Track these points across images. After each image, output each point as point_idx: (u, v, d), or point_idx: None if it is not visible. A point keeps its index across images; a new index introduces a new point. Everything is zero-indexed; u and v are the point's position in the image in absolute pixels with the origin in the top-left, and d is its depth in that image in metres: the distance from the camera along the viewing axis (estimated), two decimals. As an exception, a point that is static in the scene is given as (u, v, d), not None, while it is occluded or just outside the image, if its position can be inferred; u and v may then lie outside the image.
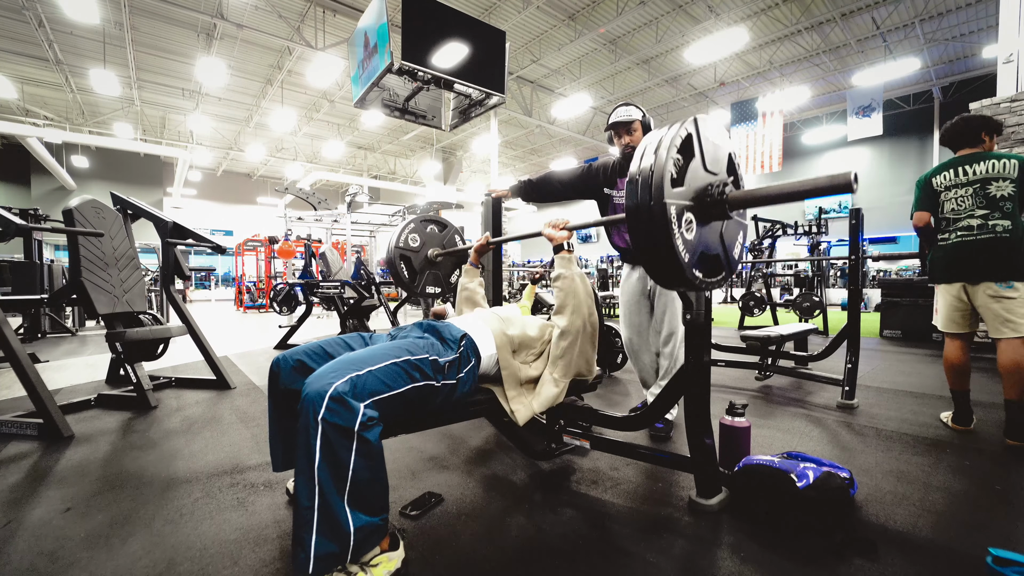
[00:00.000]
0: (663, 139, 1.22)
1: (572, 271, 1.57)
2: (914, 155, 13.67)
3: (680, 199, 1.22)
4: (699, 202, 1.28)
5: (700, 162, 1.30)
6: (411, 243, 2.42)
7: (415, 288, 2.44)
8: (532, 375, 1.52)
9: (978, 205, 2.14)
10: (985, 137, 2.20)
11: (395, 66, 3.60)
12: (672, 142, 1.21)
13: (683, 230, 1.21)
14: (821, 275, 6.84)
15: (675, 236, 1.18)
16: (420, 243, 2.45)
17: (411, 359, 1.21)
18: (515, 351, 1.51)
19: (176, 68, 11.62)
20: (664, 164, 1.18)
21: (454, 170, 18.92)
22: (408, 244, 2.41)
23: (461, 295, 2.00)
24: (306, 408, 1.01)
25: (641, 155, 1.23)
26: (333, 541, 1.00)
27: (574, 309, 1.52)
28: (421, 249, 2.45)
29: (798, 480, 1.38)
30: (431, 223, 2.51)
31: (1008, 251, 2.06)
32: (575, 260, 1.61)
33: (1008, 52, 4.42)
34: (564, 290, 1.55)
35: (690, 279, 1.24)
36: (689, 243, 1.23)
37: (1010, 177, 2.07)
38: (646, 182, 1.18)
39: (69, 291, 2.71)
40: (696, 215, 1.27)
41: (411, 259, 2.43)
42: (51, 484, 1.71)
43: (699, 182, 1.29)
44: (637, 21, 9.84)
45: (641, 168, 1.21)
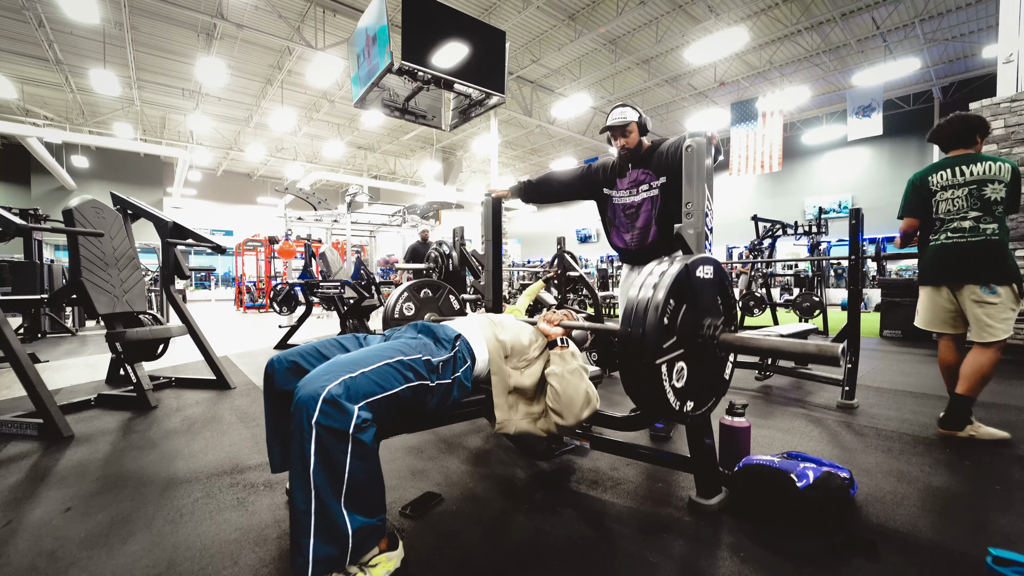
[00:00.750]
0: (650, 301, 1.23)
1: (565, 368, 1.46)
2: (914, 155, 13.66)
3: (671, 352, 1.26)
4: (690, 347, 1.32)
5: (693, 305, 1.32)
6: (406, 312, 2.45)
7: None
8: (523, 383, 1.46)
9: (972, 207, 2.14)
10: (978, 139, 2.20)
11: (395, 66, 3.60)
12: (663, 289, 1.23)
13: (674, 382, 1.27)
14: (821, 275, 6.84)
15: (667, 391, 1.24)
16: (415, 310, 2.49)
17: (404, 359, 1.21)
18: (507, 356, 1.48)
19: (176, 68, 11.62)
20: (656, 324, 1.20)
21: (454, 170, 18.92)
22: (404, 314, 2.44)
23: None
24: (299, 412, 1.01)
25: (632, 309, 1.25)
26: (331, 544, 1.00)
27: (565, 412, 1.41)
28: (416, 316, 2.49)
29: (798, 480, 1.38)
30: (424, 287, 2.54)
31: (996, 255, 2.07)
32: (569, 357, 1.51)
33: (1008, 52, 4.42)
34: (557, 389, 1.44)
35: (682, 420, 1.34)
36: (679, 391, 1.29)
37: (1004, 180, 2.08)
38: (636, 344, 1.22)
39: (69, 291, 2.71)
40: (687, 360, 1.31)
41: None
42: (51, 484, 1.71)
43: (691, 327, 1.32)
44: (637, 21, 9.84)
45: (632, 325, 1.23)
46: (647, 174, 2.13)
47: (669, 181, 2.04)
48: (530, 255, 24.04)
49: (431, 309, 2.52)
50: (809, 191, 15.51)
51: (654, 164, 2.11)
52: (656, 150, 2.12)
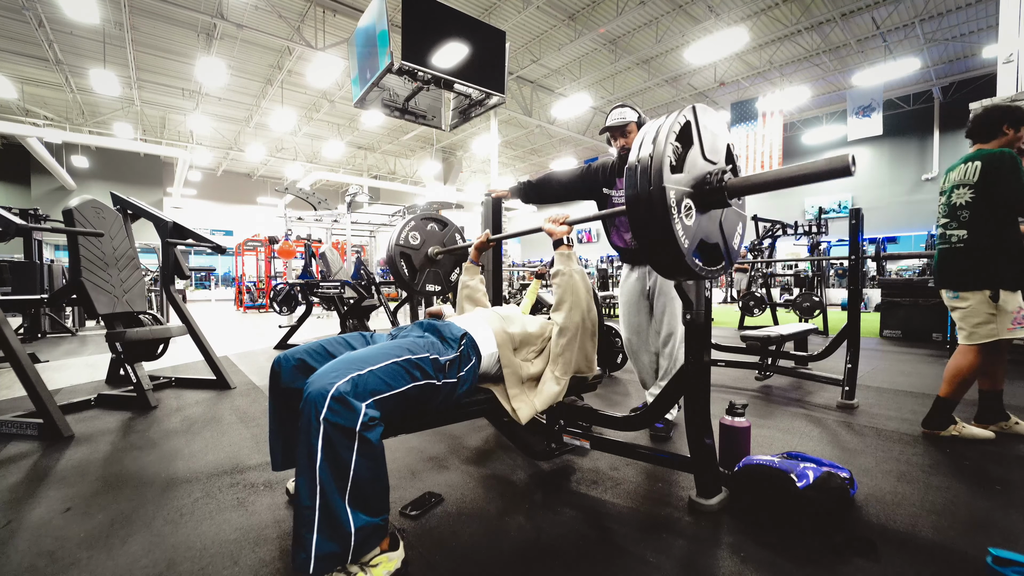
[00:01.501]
0: (662, 127, 1.22)
1: (571, 267, 1.56)
2: (914, 155, 13.66)
3: (679, 185, 1.22)
4: (698, 189, 1.28)
5: (699, 150, 1.30)
6: (411, 241, 2.42)
7: (415, 286, 2.44)
8: (533, 372, 1.52)
9: (944, 214, 2.17)
10: (1008, 130, 2.02)
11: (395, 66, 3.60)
12: (671, 129, 1.21)
13: (682, 216, 1.21)
14: (821, 275, 6.84)
15: (675, 222, 1.18)
16: (420, 241, 2.46)
17: (412, 358, 1.21)
18: (516, 349, 1.52)
19: (176, 68, 11.62)
20: (663, 150, 1.17)
21: (454, 170, 18.92)
22: (408, 242, 2.41)
23: (462, 293, 2.00)
24: (308, 408, 1.01)
25: (640, 143, 1.23)
26: (334, 541, 1.00)
27: (572, 305, 1.52)
28: (421, 247, 2.45)
29: (798, 480, 1.38)
30: (431, 221, 2.51)
31: (959, 261, 2.07)
32: (574, 256, 1.60)
33: (1008, 52, 4.42)
34: (562, 286, 1.54)
35: (690, 266, 1.24)
36: (689, 229, 1.23)
37: (970, 183, 2.03)
38: (645, 168, 1.18)
39: (69, 291, 2.71)
40: (695, 202, 1.27)
41: (411, 257, 2.43)
42: (51, 484, 1.71)
43: (698, 170, 1.29)
44: (637, 21, 9.84)
45: (640, 155, 1.21)
46: (647, 174, 2.13)
47: None
48: (530, 255, 24.04)
49: (436, 242, 2.49)
50: (809, 191, 15.50)
51: None
52: None
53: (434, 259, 2.48)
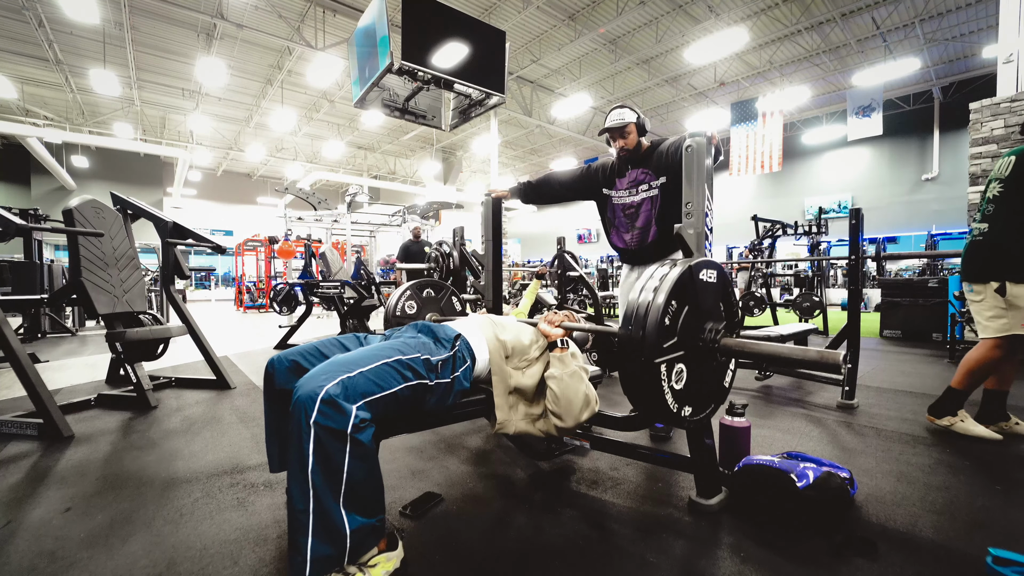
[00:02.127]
0: (659, 290, 1.24)
1: (564, 371, 1.45)
2: (914, 155, 13.66)
3: (671, 353, 1.25)
4: (691, 350, 1.31)
5: (695, 307, 1.32)
6: (408, 311, 2.45)
7: None
8: (524, 384, 1.45)
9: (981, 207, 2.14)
10: None
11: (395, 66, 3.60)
12: (665, 290, 1.23)
13: (673, 383, 1.27)
14: (821, 275, 6.83)
15: (665, 393, 1.24)
16: (417, 309, 2.50)
17: (402, 358, 1.20)
18: (508, 356, 1.47)
19: (176, 68, 11.62)
20: (658, 321, 1.21)
21: (454, 170, 18.92)
22: (406, 312, 2.44)
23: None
24: (298, 411, 1.01)
25: (634, 310, 1.26)
26: (329, 544, 1.00)
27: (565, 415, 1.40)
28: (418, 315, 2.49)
29: (798, 480, 1.38)
30: (427, 287, 2.55)
31: (976, 254, 2.08)
32: (569, 359, 1.49)
33: (1008, 52, 4.42)
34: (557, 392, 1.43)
35: (681, 424, 1.32)
36: (679, 393, 1.29)
37: (1001, 177, 2.04)
38: (636, 343, 1.22)
39: (69, 291, 2.71)
40: (687, 363, 1.31)
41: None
42: (51, 484, 1.71)
43: (693, 330, 1.32)
44: (637, 21, 9.84)
45: (633, 325, 1.24)
46: (647, 174, 2.13)
47: (669, 181, 2.04)
48: (530, 255, 24.04)
49: (433, 309, 2.52)
50: (809, 191, 15.51)
51: (654, 164, 2.11)
52: (656, 150, 2.11)
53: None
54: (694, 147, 1.60)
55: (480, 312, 2.03)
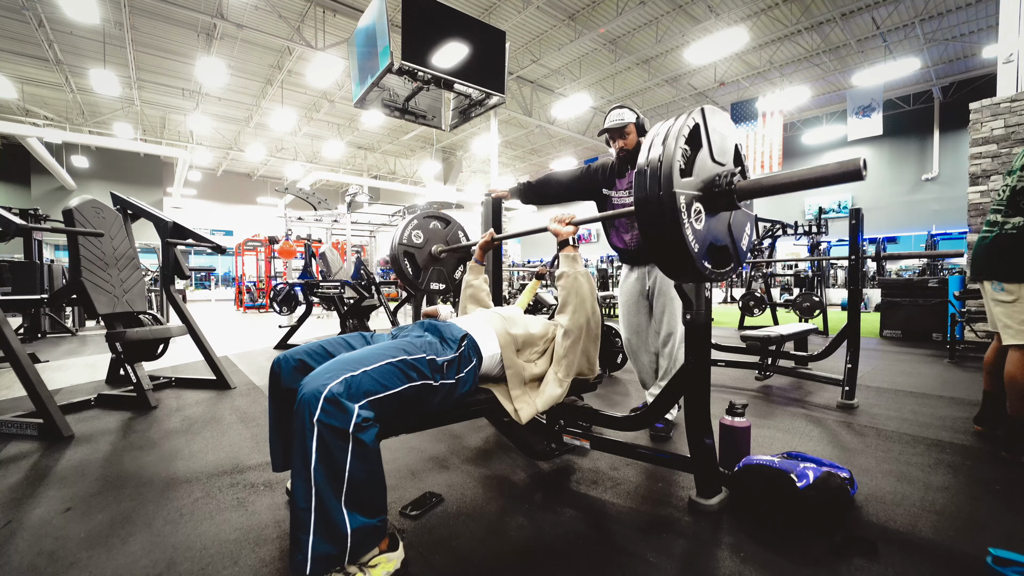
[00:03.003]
0: (671, 129, 1.22)
1: (576, 269, 1.56)
2: (914, 155, 13.66)
3: (689, 189, 1.22)
4: (707, 192, 1.29)
5: (708, 152, 1.30)
6: (415, 239, 2.43)
7: (419, 284, 2.45)
8: (536, 373, 1.52)
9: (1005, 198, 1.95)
10: None
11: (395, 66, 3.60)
12: (680, 132, 1.21)
13: (692, 220, 1.22)
14: (821, 275, 6.84)
15: (685, 226, 1.18)
16: (424, 239, 2.46)
17: (407, 358, 1.20)
18: (519, 350, 1.52)
19: (176, 68, 11.62)
20: (673, 154, 1.17)
21: (454, 170, 18.92)
22: (412, 240, 2.42)
23: (465, 292, 2.01)
24: (301, 410, 1.01)
25: (650, 146, 1.23)
26: (330, 543, 1.00)
27: (577, 307, 1.52)
28: (425, 245, 2.46)
29: (798, 480, 1.38)
30: (434, 219, 2.52)
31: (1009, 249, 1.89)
32: (580, 258, 1.60)
33: (1008, 52, 4.42)
34: (567, 288, 1.54)
35: (700, 270, 1.25)
36: (699, 233, 1.24)
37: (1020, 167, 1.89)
38: (655, 172, 1.18)
39: (69, 291, 2.71)
40: (705, 205, 1.28)
41: (415, 255, 2.44)
42: (51, 484, 1.71)
43: (707, 172, 1.30)
44: (637, 21, 9.84)
45: (650, 159, 1.20)
46: (647, 174, 2.13)
47: None
48: (530, 255, 24.04)
49: (439, 241, 2.50)
50: (809, 191, 15.49)
51: None
52: None
53: (438, 257, 2.49)
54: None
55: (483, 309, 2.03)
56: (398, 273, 2.40)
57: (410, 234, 2.42)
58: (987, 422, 2.19)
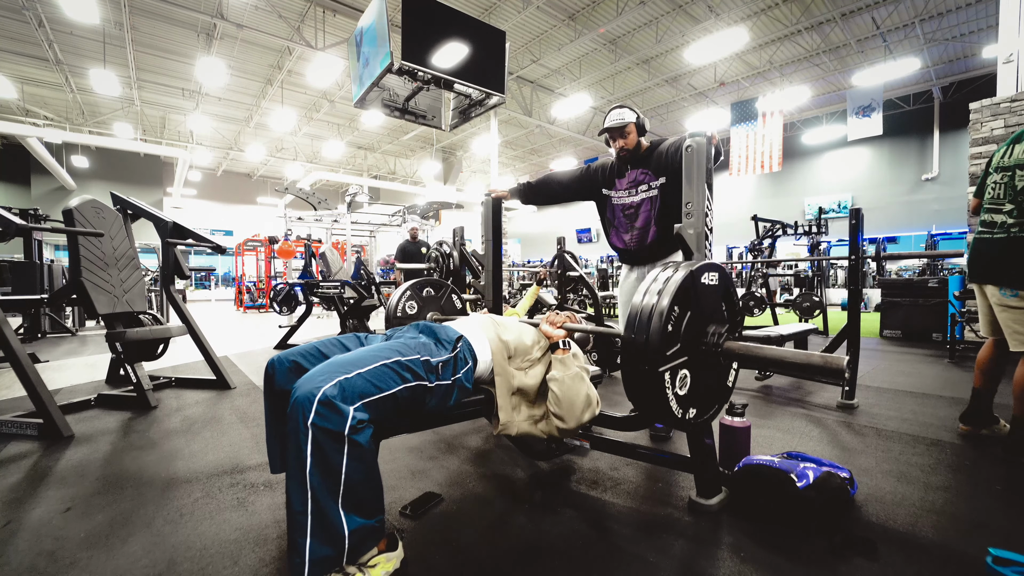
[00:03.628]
0: (661, 297, 1.23)
1: (566, 373, 1.45)
2: (914, 155, 13.66)
3: (674, 360, 1.25)
4: (695, 356, 1.32)
5: (698, 311, 1.32)
6: (408, 311, 2.45)
7: None
8: (527, 384, 1.45)
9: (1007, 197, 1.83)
10: None
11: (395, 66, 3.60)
12: (668, 298, 1.23)
13: (677, 390, 1.27)
14: (821, 275, 6.83)
15: (669, 399, 1.24)
16: (418, 309, 2.49)
17: (402, 360, 1.20)
18: (510, 357, 1.47)
19: (176, 68, 11.62)
20: (662, 329, 1.20)
21: (454, 170, 18.92)
22: (406, 312, 2.44)
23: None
24: (295, 413, 1.00)
25: (636, 316, 1.25)
26: (328, 545, 1.00)
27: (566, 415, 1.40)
28: (419, 315, 2.49)
29: (798, 480, 1.38)
30: (427, 286, 2.55)
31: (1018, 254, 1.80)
32: (570, 361, 1.48)
33: (1008, 52, 4.42)
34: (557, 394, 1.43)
35: (684, 423, 1.31)
36: (681, 399, 1.29)
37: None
38: (640, 351, 1.22)
39: (69, 291, 2.71)
40: (691, 368, 1.31)
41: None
42: (51, 484, 1.71)
43: (695, 335, 1.32)
44: (637, 21, 9.84)
45: (636, 332, 1.23)
46: (646, 174, 2.13)
47: (668, 181, 2.04)
48: (530, 255, 24.04)
49: (434, 308, 2.52)
50: (809, 191, 15.50)
51: (653, 164, 2.11)
52: (655, 150, 2.11)
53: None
54: (694, 147, 1.60)
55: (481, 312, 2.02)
56: None
57: (403, 306, 2.43)
58: (973, 420, 2.16)
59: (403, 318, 2.40)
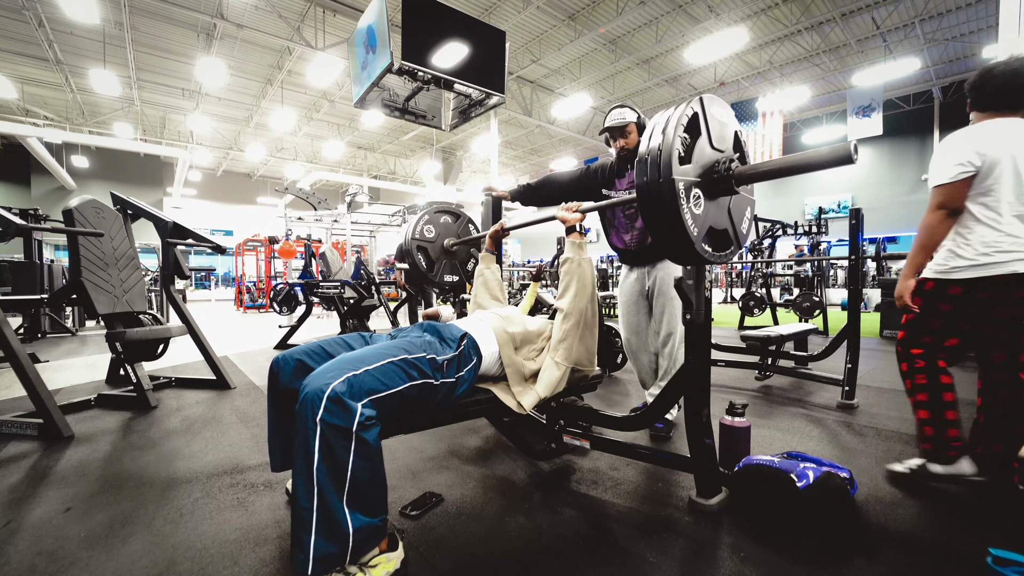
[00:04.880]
0: (670, 118, 1.25)
1: (580, 256, 1.59)
2: (914, 155, 13.66)
3: (688, 176, 1.25)
4: (706, 178, 1.32)
5: (707, 140, 1.33)
6: (427, 234, 2.49)
7: (433, 277, 2.50)
8: (535, 369, 1.54)
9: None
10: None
11: (395, 66, 3.60)
12: (679, 121, 1.24)
13: (691, 205, 1.24)
14: (821, 275, 6.83)
15: (684, 211, 1.21)
16: (435, 234, 2.53)
17: (408, 357, 1.21)
18: (517, 348, 1.54)
19: (176, 68, 11.62)
20: (671, 142, 1.21)
21: (454, 170, 18.92)
22: (424, 235, 2.48)
23: (477, 281, 2.03)
24: (304, 409, 1.01)
25: (650, 134, 1.27)
26: (332, 542, 1.00)
27: (578, 291, 1.55)
28: (437, 239, 2.52)
29: (798, 480, 1.38)
30: (445, 213, 2.57)
31: None
32: (585, 246, 1.62)
33: (1008, 52, 4.42)
34: (570, 273, 1.58)
35: (699, 253, 1.28)
36: (698, 217, 1.27)
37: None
38: (655, 160, 1.21)
39: (69, 291, 2.71)
40: (704, 191, 1.30)
41: (428, 249, 2.50)
42: (51, 484, 1.71)
43: (706, 159, 1.32)
44: (637, 21, 9.84)
45: (650, 147, 1.24)
46: (647, 174, 2.13)
47: None
48: (530, 255, 24.05)
49: (450, 234, 2.55)
50: (809, 191, 15.51)
51: None
52: None
53: (450, 250, 2.54)
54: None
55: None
56: (412, 267, 2.45)
57: (422, 229, 2.47)
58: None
59: (420, 240, 2.44)
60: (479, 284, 2.02)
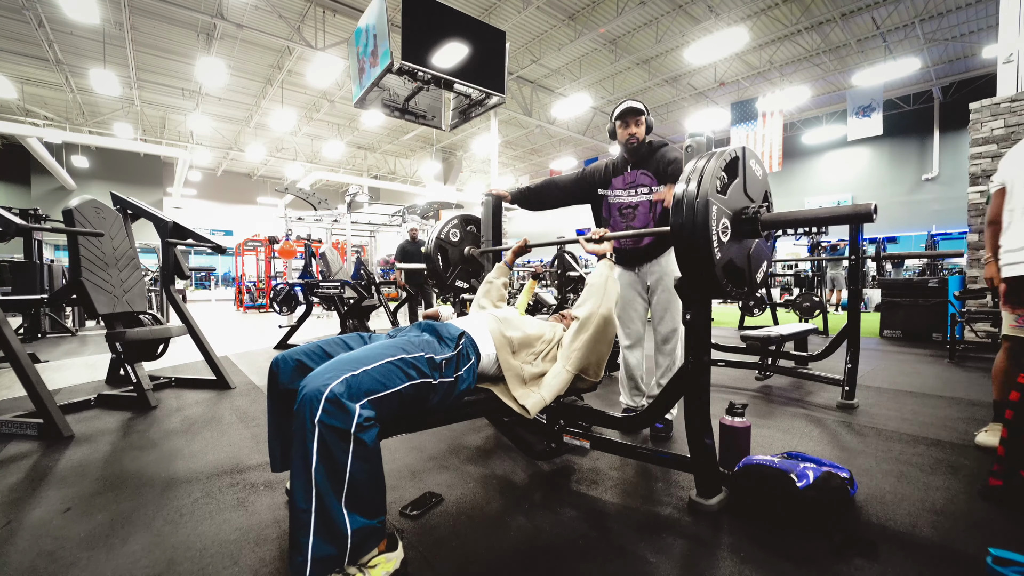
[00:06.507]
0: (716, 154, 1.37)
1: (608, 273, 1.62)
2: (914, 155, 13.66)
3: (721, 204, 1.33)
4: (735, 217, 1.39)
5: (742, 185, 1.41)
6: (452, 238, 2.54)
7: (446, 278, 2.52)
8: (535, 372, 1.53)
9: None
10: None
11: (395, 66, 3.60)
12: (723, 157, 1.35)
13: (719, 230, 1.31)
14: (821, 275, 6.84)
15: (712, 232, 1.27)
16: (459, 239, 2.57)
17: (407, 357, 1.21)
18: (514, 352, 1.51)
19: (176, 68, 11.62)
20: (715, 171, 1.31)
21: (454, 170, 18.92)
22: (449, 238, 2.52)
23: (483, 287, 2.05)
24: (302, 410, 1.01)
25: (696, 158, 1.37)
26: (330, 544, 1.00)
27: (602, 299, 1.56)
28: (459, 245, 2.56)
29: (798, 480, 1.38)
30: (472, 223, 2.62)
31: None
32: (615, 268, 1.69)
33: (1008, 52, 4.42)
34: (596, 284, 1.59)
35: (717, 277, 1.32)
36: (723, 244, 1.32)
37: None
38: (699, 177, 1.30)
39: (69, 291, 2.71)
40: (732, 226, 1.37)
41: (448, 252, 2.54)
42: (51, 484, 1.71)
43: (738, 201, 1.40)
44: (637, 21, 9.84)
45: (696, 166, 1.34)
46: (647, 176, 2.14)
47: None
48: (530, 255, 24.02)
49: (473, 243, 2.62)
50: (809, 191, 15.51)
51: (654, 167, 2.12)
52: (657, 152, 2.12)
53: (469, 258, 2.58)
54: (694, 147, 1.61)
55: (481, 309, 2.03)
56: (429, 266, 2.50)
57: (448, 232, 2.52)
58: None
59: (445, 242, 2.50)
60: (483, 291, 2.02)
